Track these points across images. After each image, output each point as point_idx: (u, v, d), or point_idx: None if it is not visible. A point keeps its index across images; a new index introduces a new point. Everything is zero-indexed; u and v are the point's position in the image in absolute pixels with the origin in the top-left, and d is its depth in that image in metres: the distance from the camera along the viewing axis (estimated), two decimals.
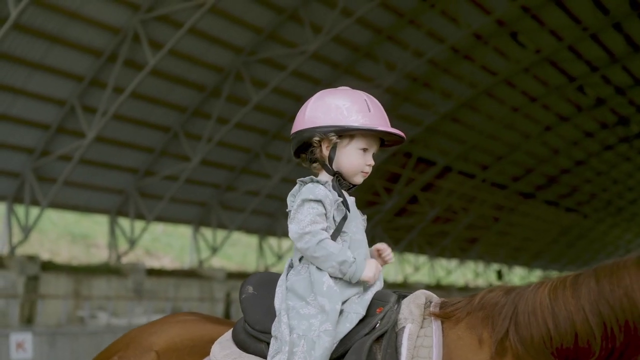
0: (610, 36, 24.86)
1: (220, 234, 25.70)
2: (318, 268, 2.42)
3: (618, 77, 28.18)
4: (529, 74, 26.51)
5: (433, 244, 35.37)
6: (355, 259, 2.42)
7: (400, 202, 30.21)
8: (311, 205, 2.45)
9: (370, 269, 2.43)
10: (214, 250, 25.34)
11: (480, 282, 41.46)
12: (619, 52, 25.90)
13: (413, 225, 32.11)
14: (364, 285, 2.45)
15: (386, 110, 2.62)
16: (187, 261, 27.94)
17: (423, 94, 25.43)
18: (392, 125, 2.58)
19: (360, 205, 2.63)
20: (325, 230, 2.45)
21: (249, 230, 27.00)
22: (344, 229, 2.49)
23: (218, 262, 28.58)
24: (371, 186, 27.60)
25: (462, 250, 37.87)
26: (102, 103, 17.60)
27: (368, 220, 2.68)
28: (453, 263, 38.88)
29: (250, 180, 24.33)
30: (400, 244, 32.59)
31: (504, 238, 39.79)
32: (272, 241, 27.98)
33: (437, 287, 33.79)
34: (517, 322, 2.06)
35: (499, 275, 40.47)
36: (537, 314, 2.04)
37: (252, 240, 30.59)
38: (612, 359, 1.88)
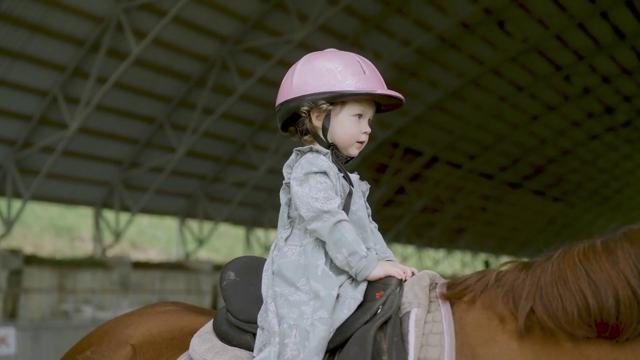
0: (597, 25, 24.80)
1: (207, 225, 25.49)
2: (313, 249, 2.18)
3: (604, 66, 28.17)
4: (516, 63, 26.43)
5: (421, 235, 35.35)
6: (368, 254, 2.16)
7: (388, 193, 30.13)
8: (317, 179, 2.18)
9: (380, 271, 2.17)
10: (201, 242, 25.13)
11: (468, 272, 41.53)
12: (606, 41, 25.85)
13: (401, 215, 32.05)
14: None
15: None
16: (173, 254, 27.74)
17: (410, 84, 25.28)
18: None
19: None
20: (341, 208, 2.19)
21: (235, 221, 26.81)
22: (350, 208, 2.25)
23: (205, 254, 28.36)
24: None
25: (450, 241, 37.91)
26: (85, 93, 17.30)
27: None
28: (441, 253, 38.92)
29: (237, 171, 24.13)
30: (388, 235, 32.51)
31: (491, 228, 39.86)
32: (259, 232, 27.80)
33: None
34: (544, 295, 1.90)
35: (487, 265, 40.53)
36: (569, 283, 1.88)
37: (239, 231, 30.40)
38: None
